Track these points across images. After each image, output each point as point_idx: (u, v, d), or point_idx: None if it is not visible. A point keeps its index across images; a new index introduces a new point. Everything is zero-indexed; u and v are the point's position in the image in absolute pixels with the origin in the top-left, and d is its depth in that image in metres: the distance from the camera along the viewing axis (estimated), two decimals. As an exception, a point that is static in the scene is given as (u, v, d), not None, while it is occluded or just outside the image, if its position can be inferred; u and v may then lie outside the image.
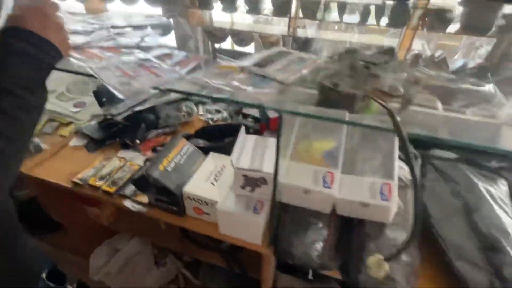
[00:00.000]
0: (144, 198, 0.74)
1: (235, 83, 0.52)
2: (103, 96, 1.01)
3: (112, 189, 0.76)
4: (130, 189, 0.77)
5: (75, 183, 0.79)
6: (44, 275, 0.59)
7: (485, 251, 0.53)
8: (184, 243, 1.05)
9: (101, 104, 1.01)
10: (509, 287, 0.48)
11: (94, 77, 0.52)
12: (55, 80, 1.27)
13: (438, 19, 1.08)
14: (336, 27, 1.40)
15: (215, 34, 1.31)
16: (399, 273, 0.54)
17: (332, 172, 0.54)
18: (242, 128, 0.67)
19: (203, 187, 0.67)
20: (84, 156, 0.91)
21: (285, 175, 0.56)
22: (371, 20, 1.04)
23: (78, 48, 0.61)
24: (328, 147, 0.59)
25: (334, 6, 1.09)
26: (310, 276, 0.87)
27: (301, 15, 1.17)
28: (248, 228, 0.63)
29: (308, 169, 0.56)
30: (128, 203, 0.73)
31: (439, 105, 0.79)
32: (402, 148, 0.41)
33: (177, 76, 0.59)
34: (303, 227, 0.60)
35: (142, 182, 0.68)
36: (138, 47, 0.68)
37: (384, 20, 1.02)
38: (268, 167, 0.57)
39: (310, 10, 1.16)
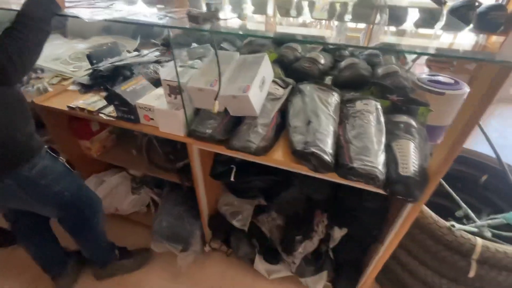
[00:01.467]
0: (114, 113, 1.11)
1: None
2: (93, 58, 1.41)
3: (94, 109, 1.14)
4: (106, 110, 1.15)
5: (70, 107, 1.18)
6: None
7: (306, 126, 0.89)
8: (150, 167, 1.42)
9: (91, 64, 1.41)
10: (311, 140, 0.84)
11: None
12: (62, 52, 1.67)
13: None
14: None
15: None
16: (257, 139, 0.90)
17: (216, 80, 0.91)
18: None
19: (150, 101, 1.05)
20: (77, 96, 1.30)
21: (191, 82, 0.93)
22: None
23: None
24: (221, 71, 0.96)
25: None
26: (232, 178, 1.22)
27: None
28: (174, 123, 1.00)
29: (206, 79, 0.93)
30: (103, 116, 1.11)
31: (323, 59, 1.14)
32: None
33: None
34: (205, 119, 0.97)
35: (109, 96, 1.06)
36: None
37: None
38: (184, 79, 0.95)
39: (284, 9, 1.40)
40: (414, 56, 3.15)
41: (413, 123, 0.95)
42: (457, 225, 1.03)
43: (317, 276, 1.33)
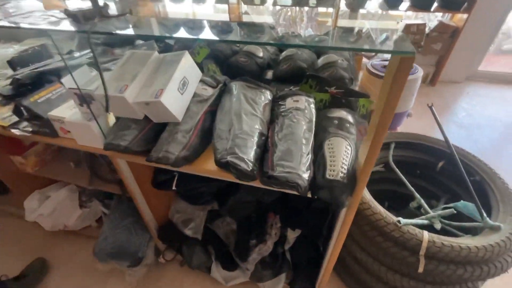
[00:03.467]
0: (29, 128, 1.00)
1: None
2: (16, 64, 1.27)
3: (6, 124, 1.02)
4: (22, 124, 1.03)
5: (-17, 123, 1.05)
6: None
7: (229, 130, 0.81)
8: (92, 179, 1.32)
9: (14, 70, 1.27)
10: (230, 147, 0.76)
11: None
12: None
13: None
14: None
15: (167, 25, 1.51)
16: (177, 148, 0.81)
17: (127, 85, 0.81)
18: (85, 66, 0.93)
19: (65, 112, 0.94)
20: (-3, 108, 1.17)
21: (99, 89, 0.82)
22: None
23: None
24: (135, 73, 0.86)
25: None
26: (173, 187, 1.13)
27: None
28: (89, 135, 0.89)
29: (117, 84, 0.83)
30: (16, 131, 1.00)
31: (261, 52, 1.05)
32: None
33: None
34: (123, 129, 0.87)
35: (17, 109, 0.95)
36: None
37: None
38: (92, 86, 0.84)
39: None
40: (383, 38, 3.09)
41: (349, 117, 0.88)
42: (404, 220, 0.98)
43: (275, 279, 1.28)
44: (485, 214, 1.01)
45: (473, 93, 2.87)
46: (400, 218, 0.98)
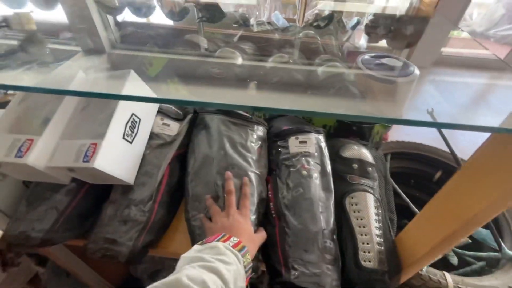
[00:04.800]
0: None
1: None
2: None
3: None
4: None
5: None
6: None
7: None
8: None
9: None
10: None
11: None
12: None
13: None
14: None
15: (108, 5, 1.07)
16: (129, 237, 0.52)
17: (32, 139, 0.48)
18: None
19: None
20: None
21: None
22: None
23: None
24: (46, 115, 0.52)
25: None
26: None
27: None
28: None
29: (13, 139, 0.49)
30: None
31: (239, 59, 0.76)
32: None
33: None
34: (37, 205, 0.54)
35: None
36: None
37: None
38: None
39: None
40: (354, 22, 2.92)
41: (369, 157, 0.66)
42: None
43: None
44: (503, 244, 0.90)
45: (439, 79, 2.89)
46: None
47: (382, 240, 0.53)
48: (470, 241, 0.95)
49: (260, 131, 0.64)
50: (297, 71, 0.83)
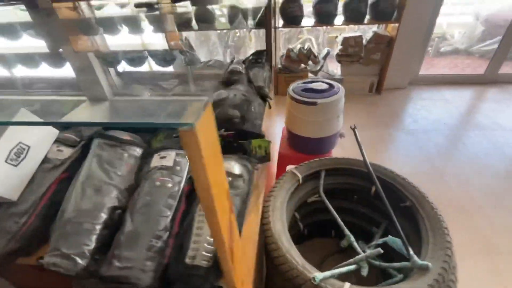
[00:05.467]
0: None
1: None
2: None
3: None
4: None
5: None
6: None
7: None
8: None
9: None
10: (58, 238, 0.58)
11: None
12: None
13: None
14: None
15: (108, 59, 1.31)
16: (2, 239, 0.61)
17: None
18: None
19: None
20: None
21: None
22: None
23: None
24: None
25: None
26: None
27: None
28: None
29: None
30: None
31: (146, 93, 0.90)
32: None
33: None
34: None
35: None
36: None
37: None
38: None
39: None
40: (325, 53, 3.08)
41: (236, 168, 0.74)
42: (321, 275, 0.84)
43: None
44: (411, 252, 0.89)
45: (417, 98, 2.91)
46: (316, 274, 0.84)
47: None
48: (382, 251, 0.94)
49: (135, 151, 0.75)
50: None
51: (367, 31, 2.97)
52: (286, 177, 1.15)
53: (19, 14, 1.36)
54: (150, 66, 1.59)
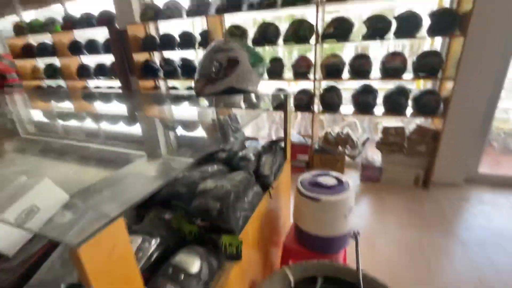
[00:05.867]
0: None
1: None
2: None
3: None
4: None
5: None
6: None
7: None
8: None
9: None
10: None
11: None
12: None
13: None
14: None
15: (170, 125, 1.76)
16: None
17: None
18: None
19: None
20: None
21: None
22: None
23: None
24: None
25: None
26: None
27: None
28: None
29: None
30: None
31: None
32: None
33: None
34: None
35: None
36: None
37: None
38: None
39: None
40: (364, 139, 3.05)
41: (193, 266, 0.74)
42: None
43: None
44: None
45: (475, 200, 2.50)
46: None
47: None
48: None
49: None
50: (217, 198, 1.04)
51: (410, 121, 2.89)
52: (276, 277, 1.07)
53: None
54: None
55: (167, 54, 3.67)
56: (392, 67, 2.46)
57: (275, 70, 2.89)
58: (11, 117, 1.87)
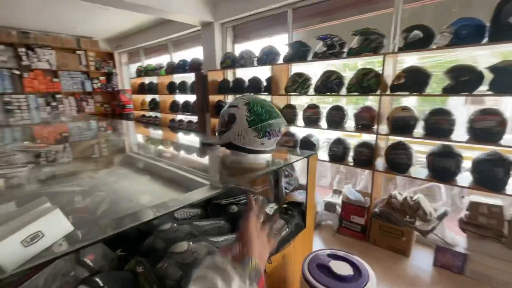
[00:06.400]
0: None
1: None
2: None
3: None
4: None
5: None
6: None
7: None
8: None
9: None
10: None
11: None
12: None
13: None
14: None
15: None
16: None
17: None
18: None
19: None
20: None
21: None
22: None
23: None
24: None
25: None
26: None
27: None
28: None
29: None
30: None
31: None
32: None
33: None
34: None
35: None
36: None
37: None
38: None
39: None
40: (441, 212, 2.44)
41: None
42: None
43: None
44: None
45: None
46: None
47: None
48: None
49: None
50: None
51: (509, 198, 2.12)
52: None
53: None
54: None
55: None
56: (484, 127, 1.93)
57: (334, 119, 2.71)
58: (123, 137, 2.44)
